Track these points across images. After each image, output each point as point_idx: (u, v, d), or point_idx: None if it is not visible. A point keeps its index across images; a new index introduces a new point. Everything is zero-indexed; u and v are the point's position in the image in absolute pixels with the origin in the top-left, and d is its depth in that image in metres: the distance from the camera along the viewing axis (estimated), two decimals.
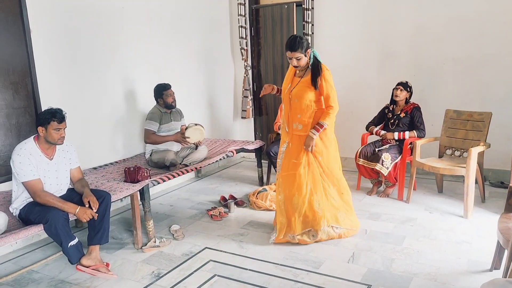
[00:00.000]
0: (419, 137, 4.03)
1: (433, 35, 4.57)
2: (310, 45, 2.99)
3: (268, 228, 3.50)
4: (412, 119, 4.05)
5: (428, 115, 4.29)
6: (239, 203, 4.07)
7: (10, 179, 2.97)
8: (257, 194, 4.10)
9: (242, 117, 5.77)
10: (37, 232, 2.54)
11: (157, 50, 4.54)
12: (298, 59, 2.95)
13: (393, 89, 4.13)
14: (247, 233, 3.43)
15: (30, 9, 3.28)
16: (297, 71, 3.12)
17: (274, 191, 4.16)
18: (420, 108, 4.08)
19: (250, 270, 2.80)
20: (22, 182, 2.64)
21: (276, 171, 4.48)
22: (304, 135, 3.11)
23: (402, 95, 4.06)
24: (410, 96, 4.11)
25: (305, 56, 2.98)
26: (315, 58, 3.05)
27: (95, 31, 3.83)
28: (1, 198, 3.02)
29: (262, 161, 4.76)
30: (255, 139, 5.89)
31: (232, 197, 4.19)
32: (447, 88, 4.58)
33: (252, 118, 5.89)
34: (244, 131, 6.01)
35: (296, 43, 2.91)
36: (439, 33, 4.53)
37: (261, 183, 4.74)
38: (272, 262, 2.91)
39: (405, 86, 4.06)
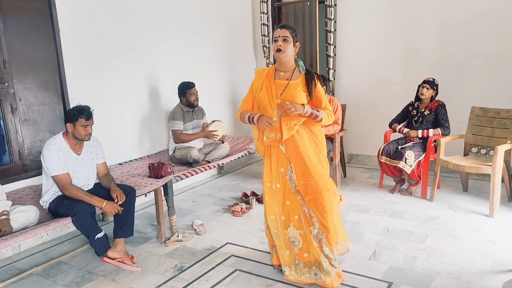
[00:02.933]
0: (444, 134, 3.96)
1: (458, 30, 4.47)
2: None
3: None
4: (437, 116, 3.98)
5: (453, 112, 4.21)
6: (260, 200, 4.10)
7: (41, 173, 3.09)
8: None
9: None
10: (65, 225, 2.65)
11: (180, 48, 4.61)
12: (285, 41, 2.44)
13: (419, 86, 4.06)
14: None
15: (59, 10, 3.39)
16: (281, 73, 2.55)
17: None
18: (445, 105, 4.01)
19: (271, 265, 2.83)
20: (51, 176, 2.75)
21: None
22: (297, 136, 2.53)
23: (428, 93, 3.99)
24: (436, 94, 4.04)
25: (294, 45, 2.50)
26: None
27: (121, 31, 3.93)
28: (32, 191, 3.14)
29: None
30: None
31: (253, 193, 4.23)
32: (473, 85, 4.48)
33: None
34: None
35: (288, 25, 2.54)
36: (465, 28, 4.44)
37: None
38: None
39: (431, 84, 3.99)
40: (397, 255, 2.88)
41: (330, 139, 4.39)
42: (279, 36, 2.45)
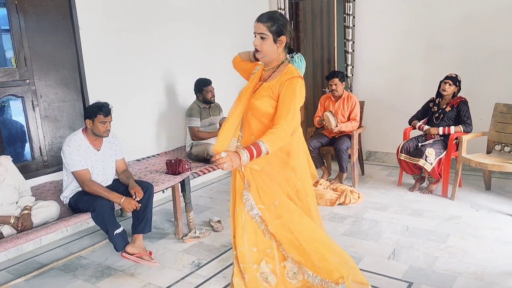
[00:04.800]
0: (466, 132, 3.86)
1: (482, 25, 4.35)
2: (290, 33, 2.04)
3: None
4: (459, 113, 3.89)
5: (476, 109, 4.10)
6: None
7: (61, 169, 3.13)
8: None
9: None
10: (85, 220, 2.68)
11: (198, 45, 4.61)
12: (262, 38, 2.01)
13: (441, 82, 3.97)
14: None
15: (79, 8, 3.43)
16: (264, 71, 2.14)
17: (313, 185, 4.13)
18: (467, 102, 3.91)
19: None
20: (71, 172, 2.78)
21: (315, 165, 4.47)
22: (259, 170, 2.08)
23: (450, 89, 3.90)
24: (458, 91, 3.94)
25: (275, 41, 2.02)
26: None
27: (139, 28, 3.95)
28: (53, 187, 3.19)
29: None
30: None
31: None
32: (497, 81, 4.35)
33: None
34: None
35: (267, 15, 2.02)
36: (488, 23, 4.31)
37: None
38: None
39: (454, 80, 3.89)
40: (417, 255, 2.83)
41: (348, 136, 4.34)
42: (255, 33, 2.04)
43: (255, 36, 2.04)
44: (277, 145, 1.94)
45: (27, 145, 3.32)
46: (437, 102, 4.05)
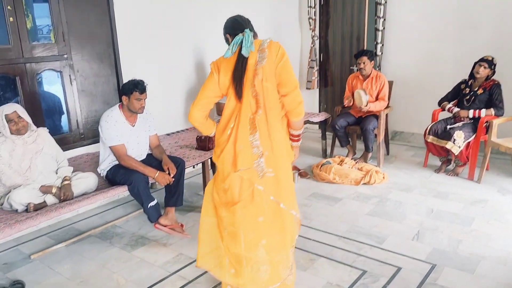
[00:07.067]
0: (497, 115, 3.81)
1: None
2: (225, 28, 2.21)
3: (331, 200, 3.57)
4: (491, 96, 3.82)
5: (509, 93, 4.01)
6: (302, 174, 4.16)
7: (96, 141, 3.28)
8: (321, 166, 4.15)
9: (307, 88, 5.75)
10: (122, 192, 2.82)
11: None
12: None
13: (475, 64, 3.88)
14: (310, 203, 3.53)
15: None
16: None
17: (338, 163, 4.20)
18: (500, 85, 3.82)
19: (313, 240, 2.90)
20: (109, 147, 2.91)
21: (341, 144, 4.52)
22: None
23: (484, 72, 3.81)
24: (492, 74, 3.85)
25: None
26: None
27: (170, 4, 3.97)
28: (89, 159, 3.34)
29: (327, 133, 4.77)
30: (320, 111, 5.87)
31: (295, 168, 4.27)
32: None
33: (317, 89, 5.86)
34: (308, 102, 5.99)
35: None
36: None
37: (324, 155, 4.78)
38: (335, 234, 2.99)
39: (490, 63, 3.79)
40: (441, 237, 2.88)
41: (375, 116, 4.34)
42: None
43: None
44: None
45: (64, 118, 3.46)
46: (469, 84, 3.98)
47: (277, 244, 2.12)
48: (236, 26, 2.14)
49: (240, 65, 2.03)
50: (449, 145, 3.79)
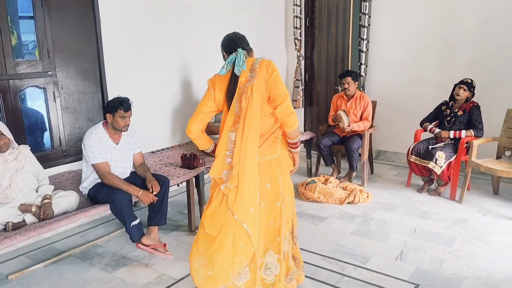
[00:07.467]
0: (477, 136, 3.90)
1: (498, 29, 4.33)
2: (223, 46, 2.39)
3: (316, 219, 3.57)
4: (470, 117, 3.92)
5: (487, 114, 4.12)
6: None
7: (79, 159, 3.23)
8: (306, 185, 4.16)
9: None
10: (104, 211, 2.78)
11: (213, 39, 4.63)
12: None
13: (455, 86, 3.99)
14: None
15: (101, 1, 3.48)
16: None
17: (323, 183, 4.22)
18: (479, 106, 3.93)
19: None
20: (92, 164, 2.87)
21: (325, 163, 4.55)
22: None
23: (464, 94, 3.92)
24: (472, 96, 3.96)
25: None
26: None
27: (158, 22, 4.00)
28: (71, 176, 3.29)
29: (312, 152, 4.80)
30: (305, 130, 5.92)
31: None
32: (510, 87, 4.37)
33: (302, 109, 5.92)
34: None
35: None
36: (505, 27, 4.29)
37: (309, 174, 4.80)
38: (319, 253, 2.98)
39: (469, 86, 3.91)
40: (424, 257, 2.90)
41: (359, 135, 4.39)
42: None
43: None
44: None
45: (47, 134, 3.41)
46: (449, 105, 4.08)
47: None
48: (231, 45, 2.28)
49: (232, 83, 2.15)
50: (431, 165, 3.86)
